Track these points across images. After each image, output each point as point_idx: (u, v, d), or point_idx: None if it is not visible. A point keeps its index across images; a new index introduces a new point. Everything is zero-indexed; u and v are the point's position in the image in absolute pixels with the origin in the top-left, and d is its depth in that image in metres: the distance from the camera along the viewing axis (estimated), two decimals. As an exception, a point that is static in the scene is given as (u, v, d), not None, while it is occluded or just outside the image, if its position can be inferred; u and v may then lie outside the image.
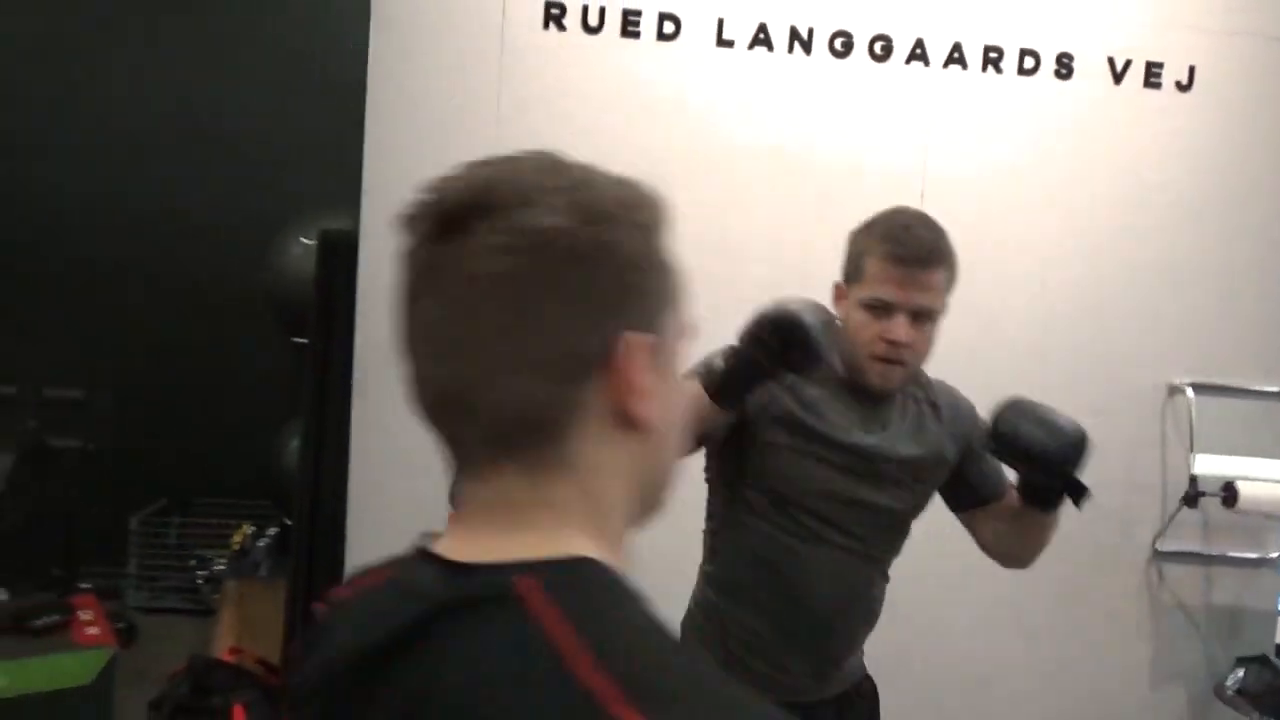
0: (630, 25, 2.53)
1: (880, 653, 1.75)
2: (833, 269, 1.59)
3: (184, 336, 4.23)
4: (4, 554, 3.52)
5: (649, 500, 0.69)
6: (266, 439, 3.97)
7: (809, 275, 1.69)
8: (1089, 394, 2.46)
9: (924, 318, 1.44)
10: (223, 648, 3.25)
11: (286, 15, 4.31)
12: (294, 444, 3.37)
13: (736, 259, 2.49)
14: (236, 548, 3.79)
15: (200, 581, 3.93)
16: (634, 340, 0.62)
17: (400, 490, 2.60)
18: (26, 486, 3.59)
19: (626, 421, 0.63)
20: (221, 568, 3.88)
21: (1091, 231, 2.64)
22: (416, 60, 2.58)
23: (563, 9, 2.52)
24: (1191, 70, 2.61)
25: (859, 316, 1.47)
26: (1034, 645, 2.68)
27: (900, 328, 1.42)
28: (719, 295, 1.65)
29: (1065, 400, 1.46)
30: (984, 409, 1.51)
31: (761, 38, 2.55)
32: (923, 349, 1.47)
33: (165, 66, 4.27)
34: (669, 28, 2.54)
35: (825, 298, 1.53)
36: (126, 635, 3.49)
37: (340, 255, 2.73)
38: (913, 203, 1.95)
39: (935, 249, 1.43)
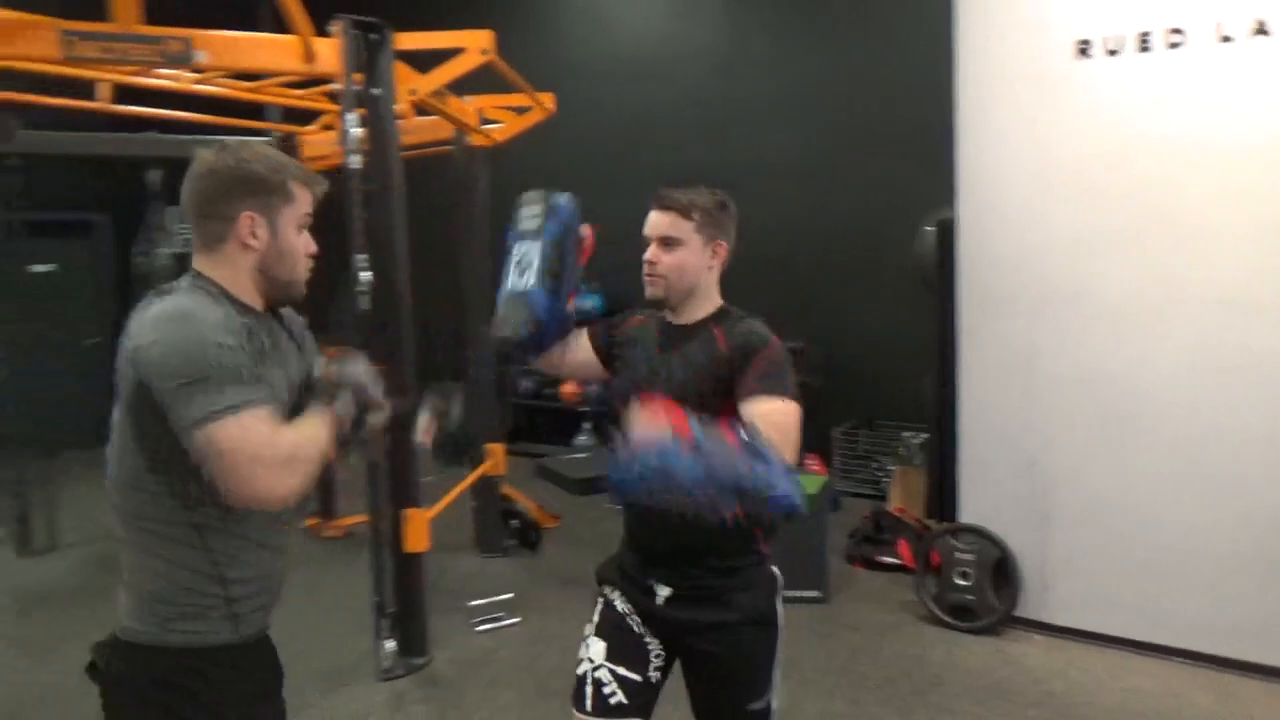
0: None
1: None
2: None
3: (863, 304, 6.02)
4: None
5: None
6: (917, 371, 5.42)
7: None
8: None
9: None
10: (893, 507, 4.85)
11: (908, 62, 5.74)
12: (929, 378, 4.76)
13: None
14: (902, 450, 5.35)
15: (878, 473, 5.61)
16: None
17: (998, 404, 3.84)
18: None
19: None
20: (892, 466, 5.48)
21: None
22: (991, 91, 3.78)
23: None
24: None
25: None
26: None
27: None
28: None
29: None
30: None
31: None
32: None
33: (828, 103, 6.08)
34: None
35: None
36: (832, 503, 5.30)
37: (949, 237, 4.05)
38: None
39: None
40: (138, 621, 1.48)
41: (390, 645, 3.55)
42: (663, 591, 1.87)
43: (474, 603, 4.15)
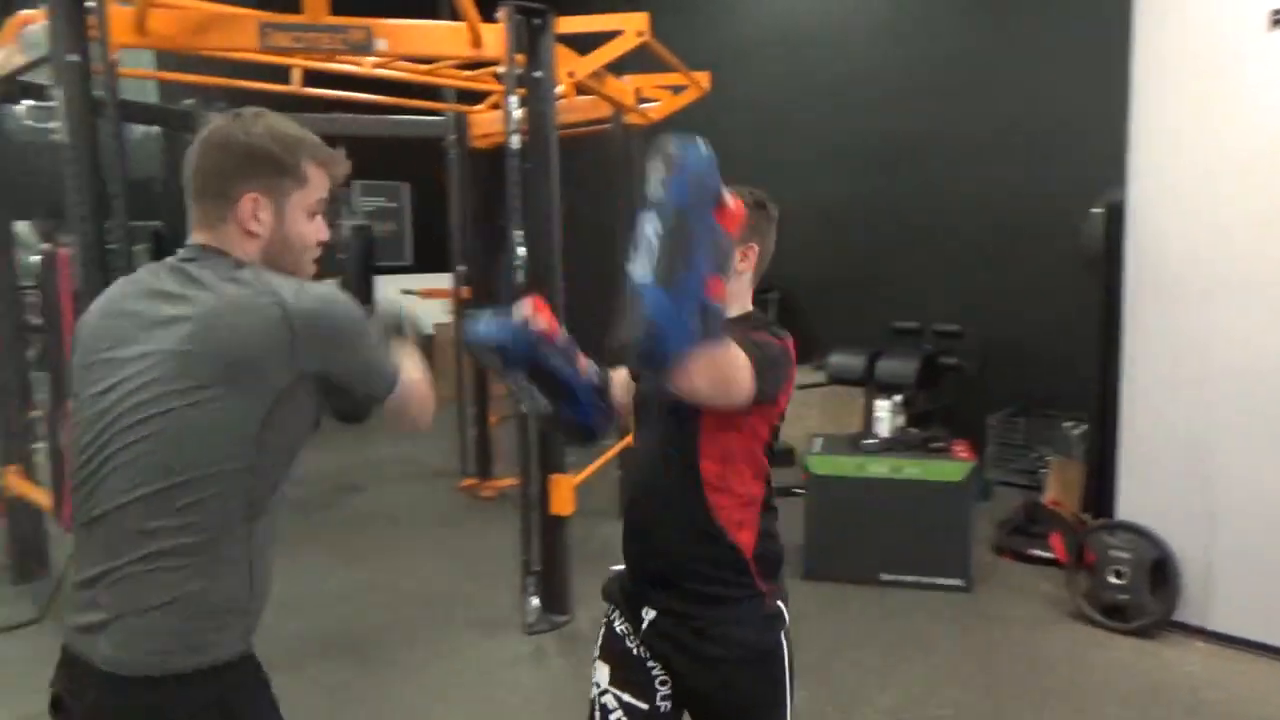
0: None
1: None
2: None
3: (1024, 288, 5.78)
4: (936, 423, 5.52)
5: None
6: (1078, 359, 5.15)
7: None
8: None
9: None
10: (1047, 499, 4.68)
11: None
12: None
13: None
14: (1060, 440, 5.13)
15: (1035, 463, 5.40)
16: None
17: (1164, 395, 3.65)
18: (926, 388, 5.53)
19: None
20: (1050, 456, 5.26)
21: None
22: (1169, 66, 3.56)
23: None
24: None
25: None
26: None
27: None
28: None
29: None
30: None
31: None
32: None
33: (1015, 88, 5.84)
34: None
35: None
36: (983, 491, 5.15)
37: (1118, 220, 3.85)
38: None
39: None
40: (141, 651, 1.25)
41: (535, 602, 3.76)
42: (648, 615, 1.71)
43: (615, 567, 4.29)
